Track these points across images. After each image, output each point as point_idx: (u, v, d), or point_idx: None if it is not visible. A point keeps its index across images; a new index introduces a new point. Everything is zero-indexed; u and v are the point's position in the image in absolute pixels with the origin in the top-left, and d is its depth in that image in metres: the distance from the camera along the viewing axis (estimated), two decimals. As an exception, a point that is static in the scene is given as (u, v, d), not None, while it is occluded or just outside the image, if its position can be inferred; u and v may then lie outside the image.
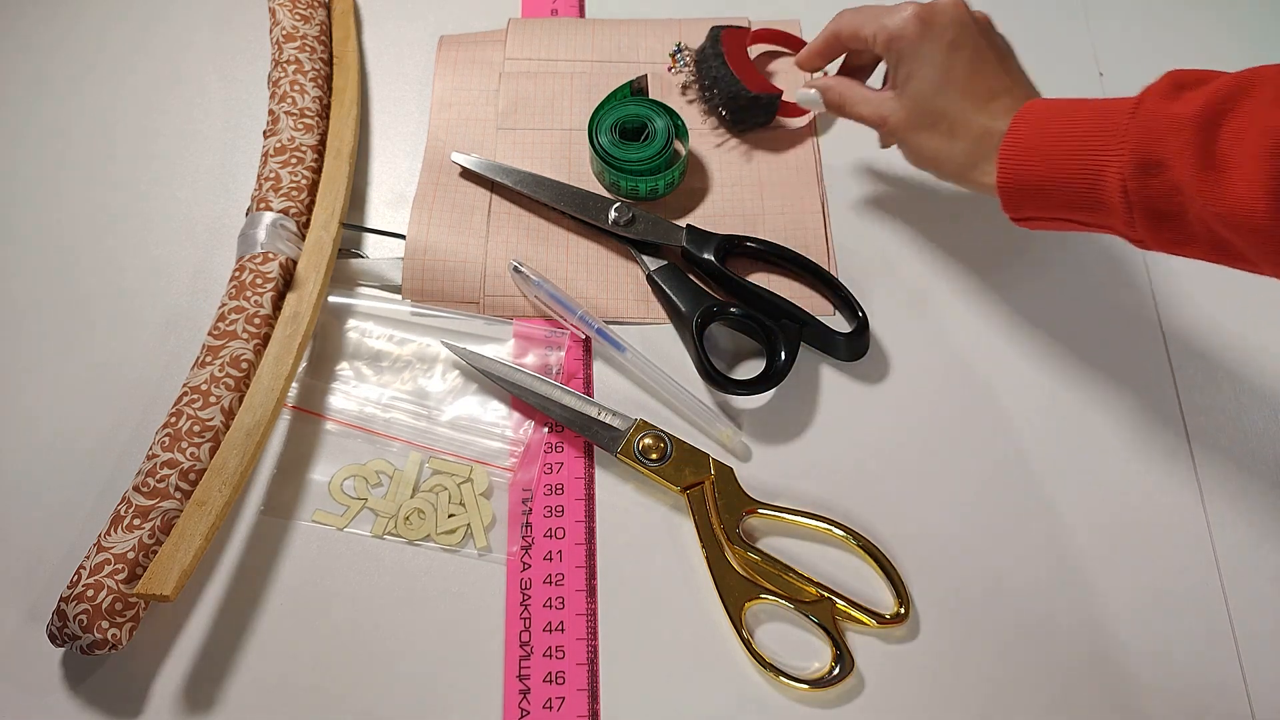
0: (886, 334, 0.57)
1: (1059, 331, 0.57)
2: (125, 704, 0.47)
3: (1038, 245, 0.60)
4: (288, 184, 0.59)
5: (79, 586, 0.46)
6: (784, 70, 0.66)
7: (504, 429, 0.54)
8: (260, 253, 0.56)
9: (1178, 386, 0.55)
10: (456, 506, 0.52)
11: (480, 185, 0.62)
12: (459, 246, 0.59)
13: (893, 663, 0.48)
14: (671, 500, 0.52)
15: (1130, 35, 0.68)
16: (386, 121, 0.65)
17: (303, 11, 0.65)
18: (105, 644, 0.46)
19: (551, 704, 0.47)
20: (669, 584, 0.50)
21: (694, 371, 0.55)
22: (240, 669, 0.48)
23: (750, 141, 0.63)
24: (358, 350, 0.57)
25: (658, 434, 0.52)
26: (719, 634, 0.49)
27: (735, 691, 0.48)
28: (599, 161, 0.60)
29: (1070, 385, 0.55)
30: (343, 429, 0.54)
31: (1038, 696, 0.47)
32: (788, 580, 0.49)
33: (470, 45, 0.67)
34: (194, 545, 0.46)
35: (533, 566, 0.51)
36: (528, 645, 0.49)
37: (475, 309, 0.58)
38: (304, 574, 0.50)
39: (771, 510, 0.51)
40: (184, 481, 0.49)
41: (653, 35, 0.67)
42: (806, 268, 0.58)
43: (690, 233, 0.58)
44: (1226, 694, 0.48)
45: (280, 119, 0.61)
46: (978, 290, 0.58)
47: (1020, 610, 0.49)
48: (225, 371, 0.52)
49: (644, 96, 0.62)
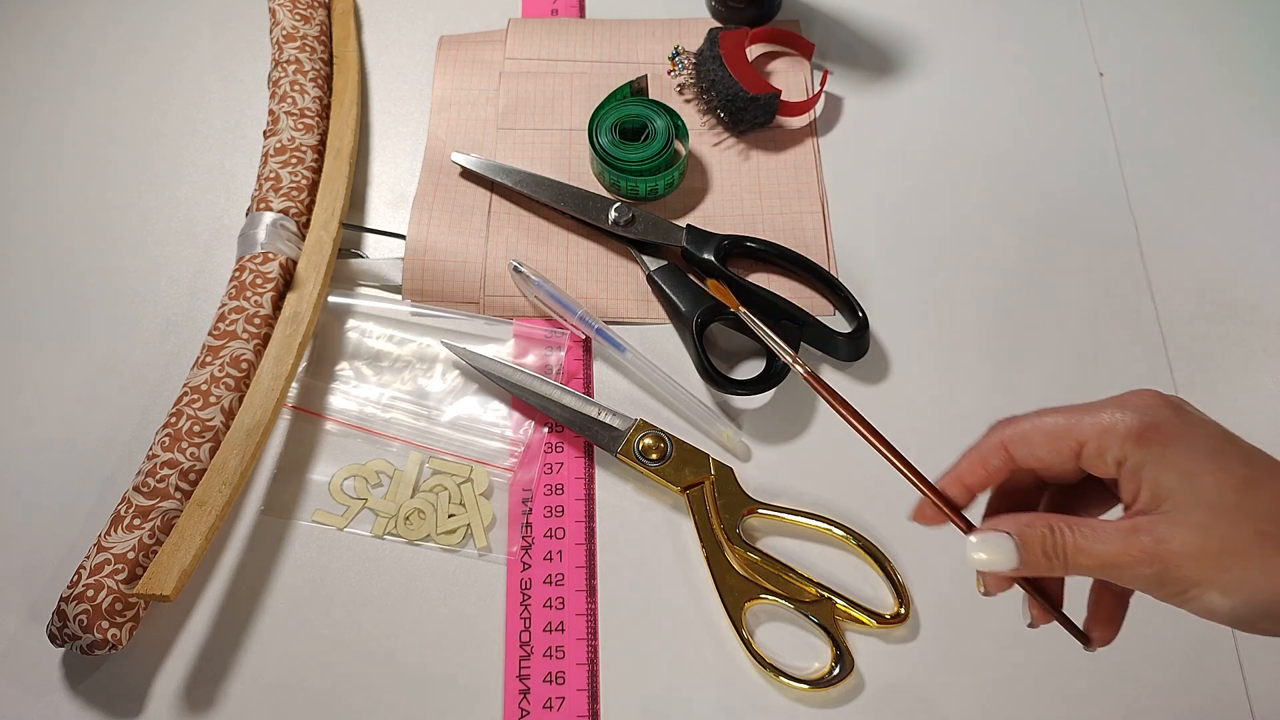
0: (886, 334, 0.57)
1: (1059, 332, 0.57)
2: (125, 704, 0.47)
3: (1038, 245, 0.60)
4: (288, 184, 0.59)
5: (79, 586, 0.46)
6: (783, 70, 0.66)
7: (504, 429, 0.54)
8: (260, 253, 0.56)
9: (1178, 390, 0.55)
10: (456, 506, 0.52)
11: (480, 185, 0.62)
12: (459, 246, 0.59)
13: (893, 663, 0.48)
14: (671, 500, 0.52)
15: (1130, 35, 0.68)
16: (386, 121, 0.65)
17: (303, 11, 0.65)
18: (105, 644, 0.46)
19: (551, 704, 0.47)
20: (669, 584, 0.50)
21: (694, 371, 0.55)
22: (240, 669, 0.48)
23: (750, 141, 0.63)
24: (358, 350, 0.57)
25: (658, 434, 0.52)
26: (719, 634, 0.49)
27: (735, 691, 0.48)
28: (599, 161, 0.60)
29: (1071, 386, 0.55)
30: (343, 429, 0.54)
31: (1037, 696, 0.47)
32: (788, 580, 0.49)
33: (470, 45, 0.67)
34: (194, 545, 0.46)
35: (533, 566, 0.51)
36: (528, 645, 0.49)
37: (475, 309, 0.58)
38: (304, 574, 0.50)
39: (771, 510, 0.51)
40: (184, 481, 0.49)
41: (653, 36, 0.67)
42: (806, 268, 0.58)
43: (690, 233, 0.58)
44: (1227, 694, 0.48)
45: (280, 119, 0.61)
46: (978, 290, 0.58)
47: (1020, 610, 0.49)
48: (225, 371, 0.52)
49: (644, 97, 0.62)
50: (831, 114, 0.65)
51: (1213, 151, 0.63)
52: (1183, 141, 0.63)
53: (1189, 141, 0.63)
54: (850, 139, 0.64)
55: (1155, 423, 0.33)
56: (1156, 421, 0.33)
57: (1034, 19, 0.68)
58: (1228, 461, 0.32)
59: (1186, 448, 0.33)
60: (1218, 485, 0.32)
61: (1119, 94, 0.65)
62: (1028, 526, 0.35)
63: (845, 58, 0.67)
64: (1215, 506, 0.32)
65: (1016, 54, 0.67)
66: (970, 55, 0.67)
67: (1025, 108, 0.65)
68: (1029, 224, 0.61)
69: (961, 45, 0.67)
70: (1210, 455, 0.32)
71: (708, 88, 0.62)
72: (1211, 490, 0.32)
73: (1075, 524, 0.34)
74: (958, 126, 0.64)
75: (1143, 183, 0.62)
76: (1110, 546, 0.33)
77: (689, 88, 0.65)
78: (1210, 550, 0.31)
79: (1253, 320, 0.57)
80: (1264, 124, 0.64)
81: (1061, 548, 0.34)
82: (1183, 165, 0.62)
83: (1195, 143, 0.63)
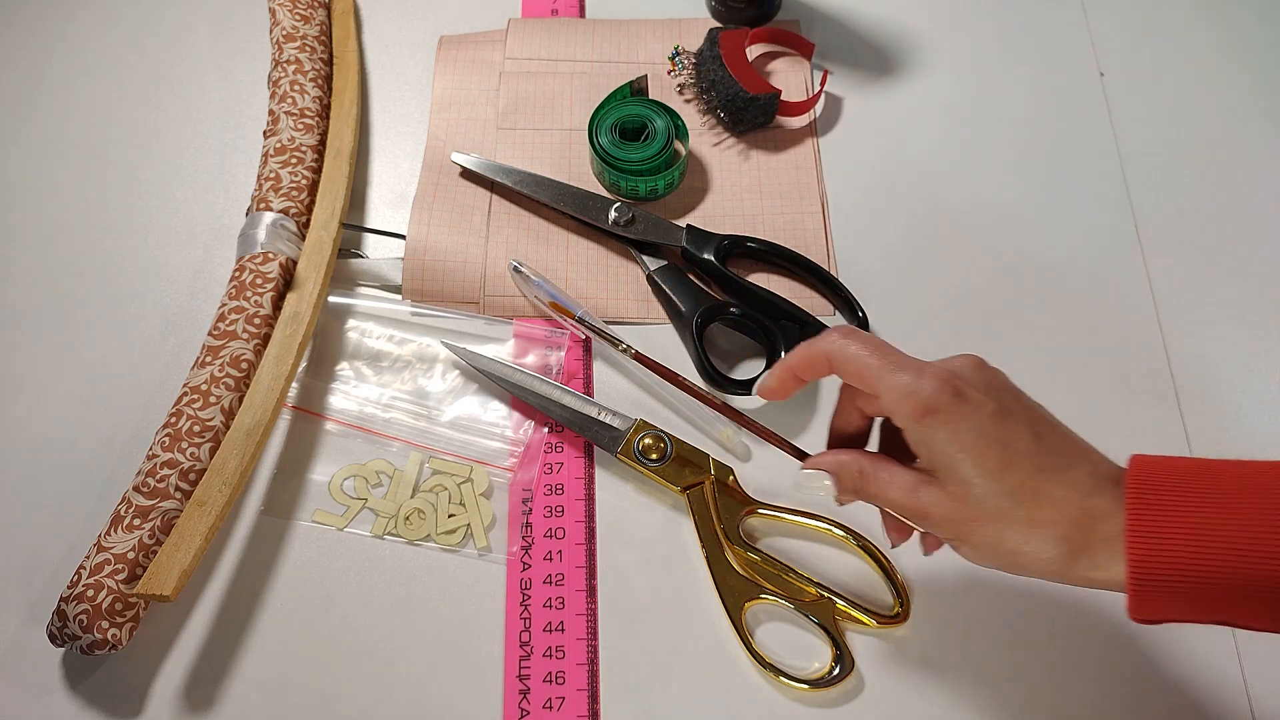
0: (886, 334, 0.57)
1: (1059, 331, 0.57)
2: (125, 704, 0.47)
3: (1038, 245, 0.60)
4: (288, 184, 0.59)
5: (79, 586, 0.46)
6: (783, 70, 0.66)
7: (504, 429, 0.54)
8: (260, 253, 0.56)
9: (1179, 396, 0.55)
10: (456, 506, 0.52)
11: (480, 185, 0.62)
12: (459, 246, 0.59)
13: (893, 663, 0.48)
14: (671, 500, 0.52)
15: (1130, 35, 0.68)
16: (386, 121, 0.65)
17: (303, 11, 0.65)
18: (105, 644, 0.46)
19: (551, 704, 0.47)
20: (669, 584, 0.50)
21: (694, 371, 0.55)
22: (240, 669, 0.48)
23: (750, 141, 0.63)
24: (358, 350, 0.57)
25: (658, 434, 0.52)
26: (719, 634, 0.49)
27: (735, 691, 0.48)
28: (599, 161, 0.60)
29: (1070, 388, 0.55)
30: (343, 429, 0.54)
31: (1038, 696, 0.47)
32: (788, 580, 0.49)
33: (470, 45, 0.67)
34: (194, 545, 0.46)
35: (533, 566, 0.51)
36: (528, 645, 0.49)
37: (475, 309, 0.58)
38: (304, 574, 0.50)
39: (771, 510, 0.51)
40: (184, 481, 0.49)
41: (653, 36, 0.67)
42: (806, 268, 0.58)
43: (690, 233, 0.58)
44: (1227, 694, 0.48)
45: (280, 119, 0.61)
46: (978, 290, 0.58)
47: (1020, 610, 0.49)
48: (225, 371, 0.52)
49: (644, 97, 0.62)
50: (831, 114, 0.65)
51: (1213, 151, 0.63)
52: (1183, 142, 0.63)
53: (1189, 142, 0.63)
54: (850, 139, 0.64)
55: (934, 407, 0.39)
56: (935, 406, 0.39)
57: (1034, 19, 0.68)
58: (986, 447, 0.38)
59: (952, 431, 0.39)
60: (975, 466, 0.38)
61: (1119, 94, 0.65)
62: (842, 467, 0.43)
63: (845, 58, 0.67)
64: (969, 484, 0.39)
65: (1017, 54, 0.67)
66: (970, 55, 0.67)
67: (1025, 108, 0.65)
68: (1028, 224, 0.61)
69: (961, 45, 0.67)
70: (975, 440, 0.38)
71: (708, 88, 0.62)
72: (968, 470, 0.38)
73: (880, 468, 0.42)
74: (958, 126, 0.64)
75: (1143, 183, 0.62)
76: (897, 495, 0.41)
77: (689, 88, 0.65)
78: (962, 517, 0.39)
79: (1253, 321, 0.57)
80: (1265, 124, 0.64)
81: (865, 488, 0.43)
82: (1183, 165, 0.62)
83: (1195, 143, 0.63)
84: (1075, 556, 0.38)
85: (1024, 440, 0.39)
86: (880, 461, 0.42)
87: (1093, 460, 0.39)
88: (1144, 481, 0.37)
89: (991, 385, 0.40)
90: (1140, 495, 0.37)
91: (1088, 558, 0.37)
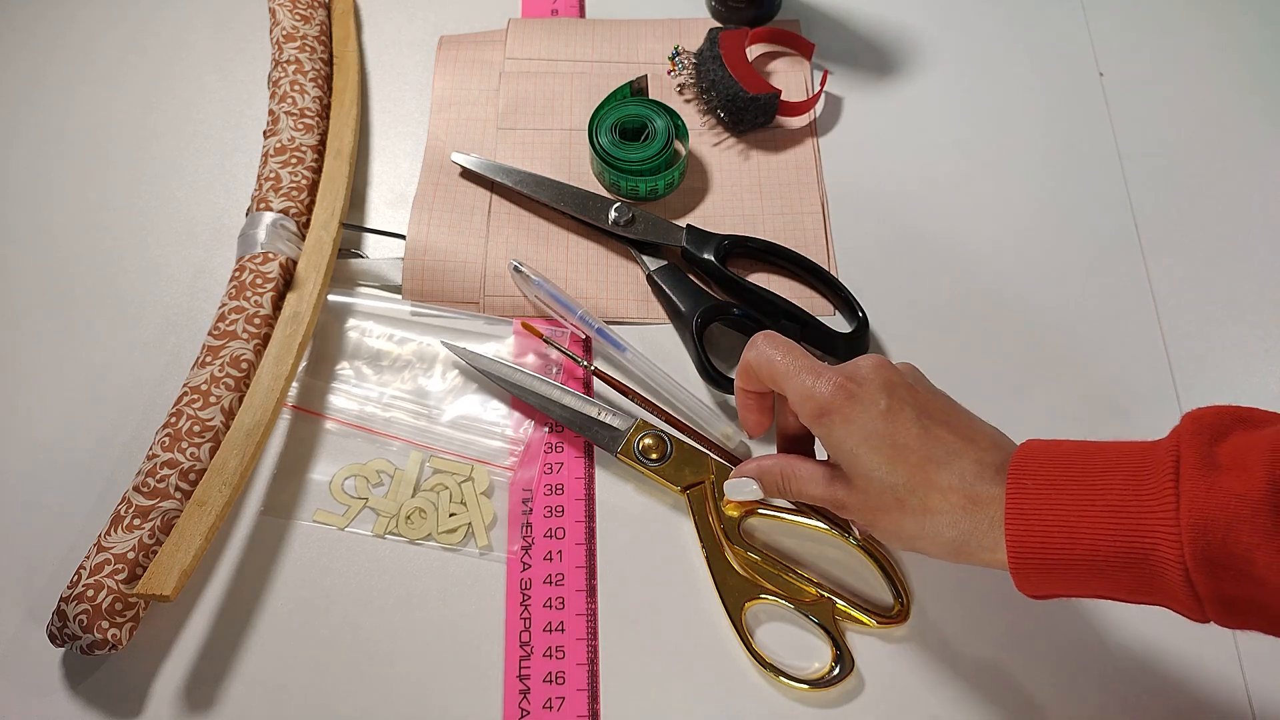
0: (886, 334, 0.57)
1: (1059, 332, 0.57)
2: (125, 704, 0.47)
3: (1038, 245, 0.60)
4: (288, 184, 0.59)
5: (79, 586, 0.46)
6: (783, 70, 0.66)
7: (504, 429, 0.54)
8: (260, 253, 0.56)
9: (1179, 396, 0.55)
10: (458, 505, 0.52)
11: (480, 185, 0.62)
12: (459, 246, 0.59)
13: (893, 663, 0.48)
14: (671, 500, 0.52)
15: (1130, 35, 0.68)
16: (386, 121, 0.65)
17: (303, 11, 0.65)
18: (105, 644, 0.46)
19: (551, 704, 0.47)
20: (669, 584, 0.50)
21: (694, 371, 0.55)
22: (240, 669, 0.48)
23: (750, 141, 0.63)
24: (358, 350, 0.57)
25: (658, 434, 0.52)
26: (719, 634, 0.49)
27: (735, 691, 0.47)
28: (599, 161, 0.60)
29: (1071, 385, 0.55)
30: (343, 428, 0.54)
31: (1037, 696, 0.47)
32: (788, 580, 0.49)
33: (470, 45, 0.67)
34: (194, 545, 0.46)
35: (533, 566, 0.51)
36: (528, 645, 0.49)
37: (475, 309, 0.58)
38: (304, 574, 0.50)
39: (771, 510, 0.51)
40: (184, 481, 0.49)
41: (653, 36, 0.67)
42: (806, 268, 0.58)
43: (690, 233, 0.58)
44: (1227, 694, 0.48)
45: (280, 119, 0.61)
46: (978, 290, 0.58)
47: (1020, 610, 0.49)
48: (225, 371, 0.52)
49: (644, 97, 0.62)
50: (831, 114, 0.65)
51: (1213, 151, 0.63)
52: (1183, 142, 0.63)
53: (1189, 142, 0.63)
54: (850, 139, 0.64)
55: (828, 408, 0.43)
56: (830, 407, 0.43)
57: (1034, 19, 0.68)
58: (878, 444, 0.42)
59: (846, 431, 0.43)
60: (871, 461, 0.42)
61: (1119, 94, 0.65)
62: (765, 472, 0.48)
63: (845, 58, 0.67)
64: (869, 477, 0.42)
65: (1016, 54, 0.67)
66: (970, 55, 0.67)
67: (1025, 108, 0.65)
68: (1029, 224, 0.61)
69: (961, 45, 0.67)
70: (867, 437, 0.42)
71: (708, 88, 0.62)
72: (866, 464, 0.42)
73: (798, 469, 0.47)
74: (957, 126, 0.64)
75: (1143, 183, 0.62)
76: (816, 490, 0.46)
77: (689, 88, 0.65)
78: (868, 506, 0.43)
79: (1253, 321, 0.57)
80: (1265, 124, 0.64)
81: (786, 488, 0.47)
82: (1183, 165, 0.62)
83: (1195, 143, 0.63)
84: (966, 540, 0.41)
85: (912, 434, 0.42)
86: (799, 462, 0.47)
87: (981, 448, 0.41)
88: (1023, 467, 0.39)
89: (886, 384, 0.43)
90: (1018, 480, 0.39)
91: (977, 541, 0.40)
